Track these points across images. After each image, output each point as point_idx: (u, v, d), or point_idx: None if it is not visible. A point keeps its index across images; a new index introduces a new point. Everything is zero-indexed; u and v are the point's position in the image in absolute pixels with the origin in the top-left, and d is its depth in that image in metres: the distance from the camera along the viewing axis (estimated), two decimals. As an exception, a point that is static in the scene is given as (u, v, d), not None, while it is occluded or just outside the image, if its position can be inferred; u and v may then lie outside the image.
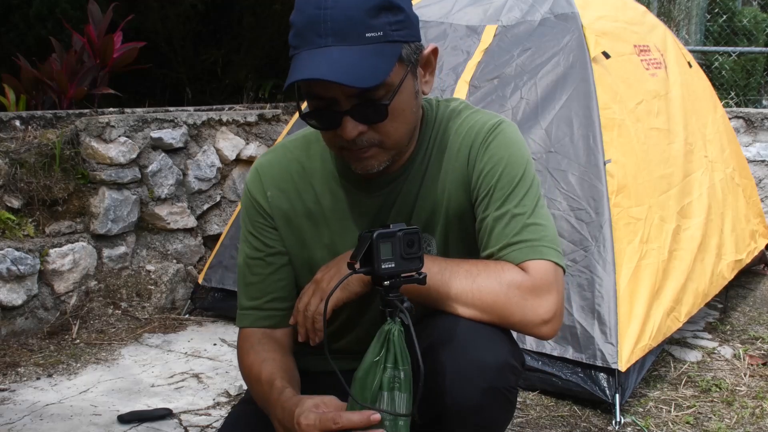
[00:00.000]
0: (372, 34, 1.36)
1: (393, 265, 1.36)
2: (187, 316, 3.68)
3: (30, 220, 3.39)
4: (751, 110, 5.39)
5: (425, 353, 1.43)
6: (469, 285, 1.46)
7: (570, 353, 2.64)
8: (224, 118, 4.12)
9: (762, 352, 3.27)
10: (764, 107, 6.50)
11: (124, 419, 2.58)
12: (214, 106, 4.47)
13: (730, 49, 6.50)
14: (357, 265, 1.38)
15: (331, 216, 1.59)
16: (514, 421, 2.59)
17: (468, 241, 1.59)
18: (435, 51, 1.53)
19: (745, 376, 3.00)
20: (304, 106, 1.49)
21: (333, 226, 1.60)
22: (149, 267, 3.75)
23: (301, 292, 1.58)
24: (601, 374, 2.62)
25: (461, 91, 3.14)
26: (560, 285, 1.49)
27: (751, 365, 3.11)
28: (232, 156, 4.11)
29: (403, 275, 1.37)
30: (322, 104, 1.41)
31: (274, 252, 1.62)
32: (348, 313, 1.63)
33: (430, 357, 1.42)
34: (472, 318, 1.46)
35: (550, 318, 1.46)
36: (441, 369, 1.41)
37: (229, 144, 4.11)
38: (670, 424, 2.60)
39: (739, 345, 3.33)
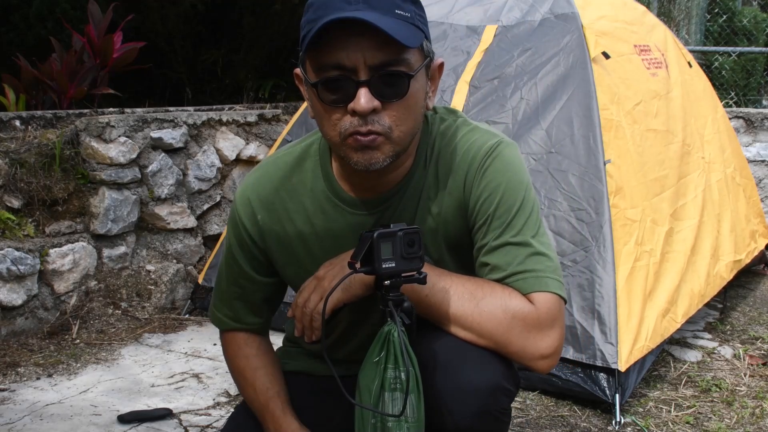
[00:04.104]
0: (401, 12, 1.35)
1: (393, 265, 1.36)
2: (187, 316, 3.68)
3: (30, 220, 3.39)
4: (751, 110, 5.39)
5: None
6: (471, 308, 1.42)
7: (570, 353, 2.64)
8: (224, 118, 4.12)
9: (762, 352, 3.27)
10: (764, 107, 6.50)
11: (124, 419, 2.58)
12: (214, 106, 4.47)
13: (730, 49, 6.50)
14: (358, 265, 1.38)
15: (323, 235, 1.55)
16: (514, 421, 2.59)
17: (465, 267, 1.55)
18: (442, 66, 1.50)
19: (745, 376, 3.00)
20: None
21: (326, 245, 1.56)
22: (149, 267, 3.75)
23: (301, 286, 1.55)
24: (601, 374, 2.62)
25: (461, 92, 3.14)
26: (563, 320, 1.46)
27: (751, 365, 3.11)
28: (232, 156, 4.11)
29: (403, 275, 1.37)
30: (336, 74, 1.35)
31: (250, 276, 1.63)
32: (347, 323, 1.62)
33: (422, 378, 1.40)
34: (469, 341, 1.43)
35: (549, 354, 1.43)
36: (432, 391, 1.39)
37: (229, 144, 4.11)
38: (670, 424, 2.60)
39: (739, 345, 3.33)
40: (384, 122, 1.37)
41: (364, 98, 1.33)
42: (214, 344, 3.33)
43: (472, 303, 1.42)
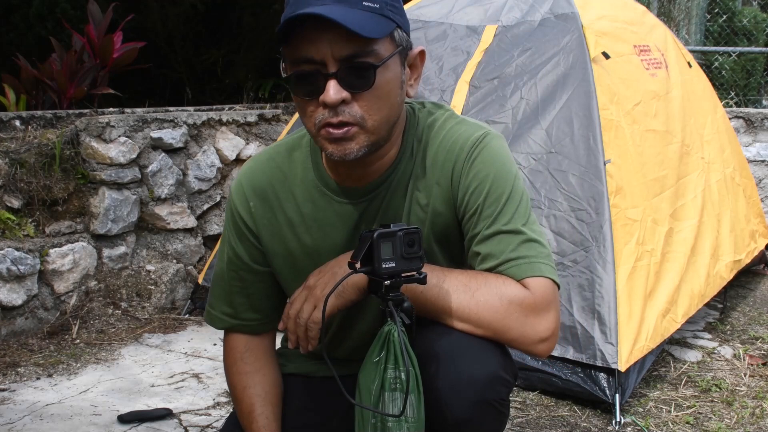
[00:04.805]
0: (369, 4, 1.37)
1: (393, 265, 1.36)
2: (187, 316, 3.68)
3: (30, 220, 3.39)
4: (751, 110, 5.38)
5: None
6: (467, 299, 1.43)
7: (570, 353, 2.64)
8: (224, 118, 4.12)
9: (762, 352, 3.27)
10: (764, 107, 6.50)
11: (124, 419, 2.58)
12: (214, 106, 4.47)
13: (730, 49, 6.50)
14: (358, 265, 1.38)
15: (312, 224, 1.58)
16: (514, 421, 2.59)
17: (455, 258, 1.56)
18: (422, 54, 1.52)
19: (745, 376, 3.00)
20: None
21: (315, 234, 1.58)
22: (149, 267, 3.75)
23: (291, 298, 1.56)
24: (601, 374, 2.62)
25: (461, 92, 3.14)
26: (558, 303, 1.47)
27: (751, 365, 3.11)
28: (232, 156, 4.11)
29: (403, 275, 1.37)
30: (308, 68, 1.39)
31: (249, 266, 1.63)
32: (338, 323, 1.62)
33: (420, 371, 1.40)
34: (468, 332, 1.43)
35: (548, 336, 1.45)
36: (430, 382, 1.39)
37: (229, 144, 4.11)
38: (670, 424, 2.61)
39: (739, 345, 3.33)
40: (355, 112, 1.39)
41: (332, 90, 1.37)
42: (214, 344, 3.33)
43: (468, 294, 1.43)
